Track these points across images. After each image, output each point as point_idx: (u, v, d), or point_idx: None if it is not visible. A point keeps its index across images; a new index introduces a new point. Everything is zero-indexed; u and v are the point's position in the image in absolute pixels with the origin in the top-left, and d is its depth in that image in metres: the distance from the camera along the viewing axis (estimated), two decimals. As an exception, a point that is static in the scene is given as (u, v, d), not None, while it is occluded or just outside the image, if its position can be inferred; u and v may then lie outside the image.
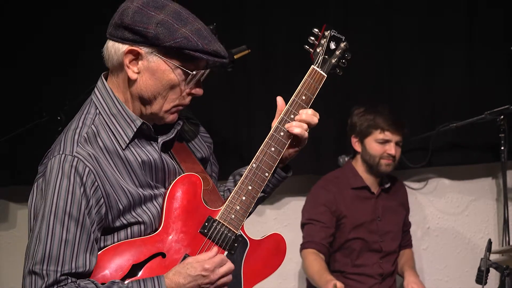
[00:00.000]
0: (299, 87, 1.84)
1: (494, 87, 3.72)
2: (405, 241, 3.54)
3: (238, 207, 1.74)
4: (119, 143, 1.66)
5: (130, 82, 1.66)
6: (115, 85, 1.70)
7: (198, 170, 1.79)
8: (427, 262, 3.88)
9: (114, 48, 1.64)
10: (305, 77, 1.85)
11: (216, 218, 1.72)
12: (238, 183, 1.77)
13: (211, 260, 1.64)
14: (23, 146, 3.46)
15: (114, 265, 1.61)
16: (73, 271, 1.56)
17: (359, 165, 3.42)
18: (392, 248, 3.41)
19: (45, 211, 1.56)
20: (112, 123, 1.67)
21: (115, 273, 1.61)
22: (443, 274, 3.91)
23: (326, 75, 1.86)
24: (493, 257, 2.60)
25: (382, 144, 3.30)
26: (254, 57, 3.40)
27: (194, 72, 1.65)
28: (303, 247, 3.30)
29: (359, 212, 3.36)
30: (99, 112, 1.68)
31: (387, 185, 3.46)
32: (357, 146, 3.38)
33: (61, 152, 1.60)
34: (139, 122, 1.67)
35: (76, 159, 1.58)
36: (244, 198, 1.75)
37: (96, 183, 1.59)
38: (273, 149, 1.79)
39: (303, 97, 1.82)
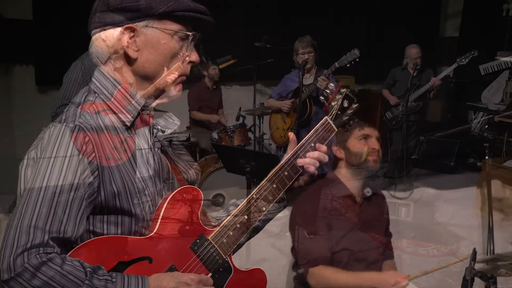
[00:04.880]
0: (310, 133, 1.89)
1: (479, 97, 3.76)
2: (386, 253, 3.53)
3: (231, 233, 1.75)
4: (122, 123, 1.65)
5: (131, 62, 1.64)
6: (113, 72, 1.66)
7: (180, 179, 1.81)
8: (412, 271, 3.88)
9: (106, 36, 1.61)
10: (318, 125, 1.90)
11: (209, 238, 1.73)
12: (236, 210, 1.78)
13: (199, 275, 1.64)
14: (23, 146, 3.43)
15: (101, 257, 1.57)
16: (61, 235, 1.49)
17: (342, 174, 3.41)
18: (375, 257, 3.40)
19: (39, 172, 1.51)
20: (114, 105, 1.65)
21: (101, 264, 1.55)
22: (428, 283, 3.93)
23: (336, 130, 1.93)
24: (477, 266, 2.61)
25: (364, 140, 3.31)
26: (251, 59, 3.42)
27: (191, 33, 1.65)
28: (308, 266, 3.19)
29: (342, 221, 3.35)
30: (98, 95, 1.65)
31: (368, 194, 3.44)
32: (339, 153, 3.37)
33: (62, 122, 1.57)
34: (142, 101, 1.66)
35: (77, 127, 1.55)
36: (238, 225, 1.77)
37: (94, 154, 1.56)
38: (274, 185, 1.82)
39: (312, 144, 1.87)
